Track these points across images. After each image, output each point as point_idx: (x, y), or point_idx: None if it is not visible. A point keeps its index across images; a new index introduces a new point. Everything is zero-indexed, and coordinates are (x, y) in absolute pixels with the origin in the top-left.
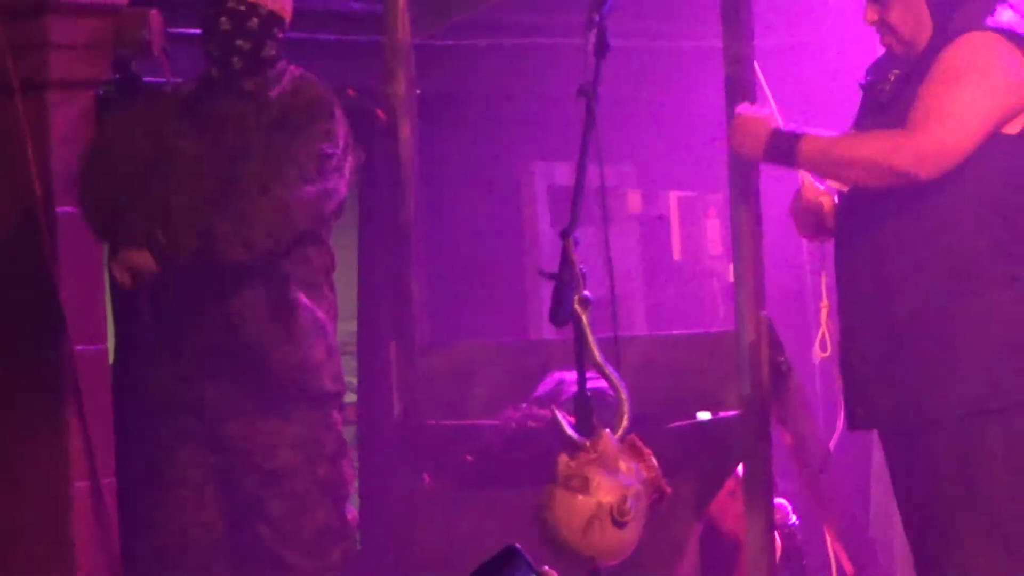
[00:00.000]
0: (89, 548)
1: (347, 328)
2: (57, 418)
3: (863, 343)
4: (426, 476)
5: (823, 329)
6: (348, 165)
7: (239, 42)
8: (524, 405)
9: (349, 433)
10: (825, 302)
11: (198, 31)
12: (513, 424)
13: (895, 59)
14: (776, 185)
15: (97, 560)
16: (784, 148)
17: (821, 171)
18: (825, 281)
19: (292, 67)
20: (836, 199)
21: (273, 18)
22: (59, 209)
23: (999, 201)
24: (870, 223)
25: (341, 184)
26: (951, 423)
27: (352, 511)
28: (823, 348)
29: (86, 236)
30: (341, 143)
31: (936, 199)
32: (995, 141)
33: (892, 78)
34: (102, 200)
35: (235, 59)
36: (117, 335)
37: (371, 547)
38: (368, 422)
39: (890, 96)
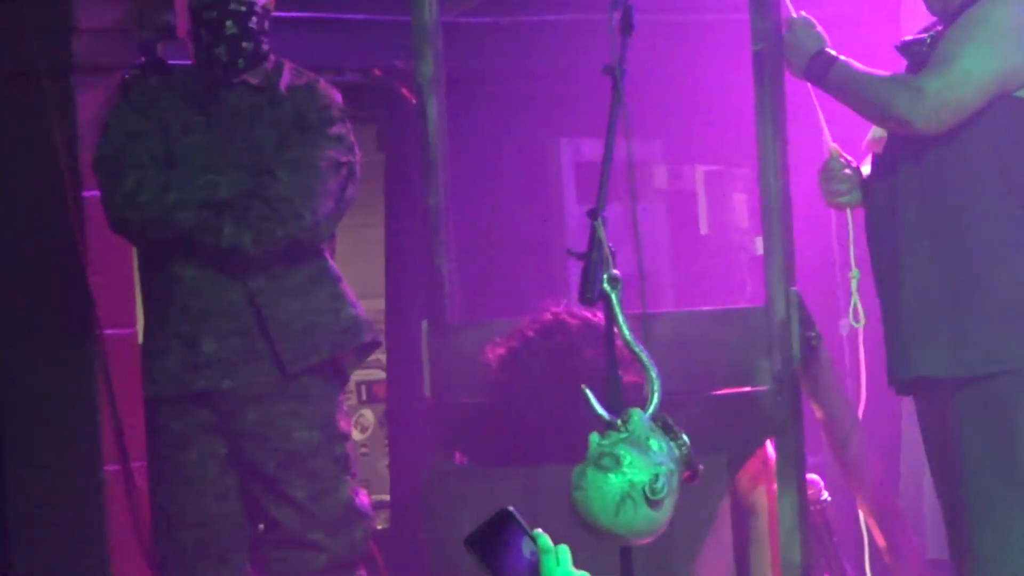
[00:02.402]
0: (121, 532)
1: (374, 306)
2: (87, 402)
3: (907, 297)
4: (457, 455)
5: (855, 299)
6: (359, 167)
7: (244, 44)
8: (565, 302)
9: (379, 411)
10: (855, 271)
11: None
12: (549, 315)
13: (931, 23)
14: (804, 154)
15: (129, 544)
16: (820, 69)
17: (842, 100)
18: (854, 250)
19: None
20: (871, 162)
21: (266, 12)
22: (86, 193)
23: (1004, 163)
24: (899, 182)
25: (354, 189)
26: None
27: (364, 494)
28: (856, 318)
29: None
30: (355, 148)
31: (946, 157)
32: (1005, 103)
33: (929, 39)
34: (136, 191)
35: (240, 60)
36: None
37: (401, 526)
38: (397, 400)
39: (927, 55)
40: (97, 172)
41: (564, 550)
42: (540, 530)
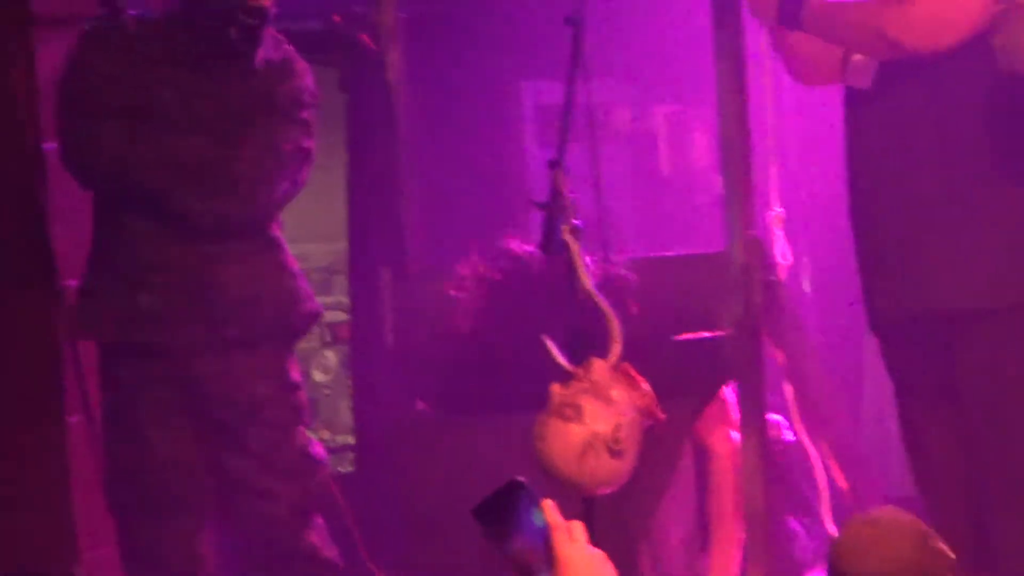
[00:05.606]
0: (84, 481)
1: (336, 248)
2: (49, 352)
3: (887, 233)
4: (419, 401)
5: (781, 238)
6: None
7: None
8: (517, 240)
9: (341, 352)
10: (778, 209)
11: None
12: (511, 257)
13: None
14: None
15: (93, 493)
16: (793, 8)
17: (824, 34)
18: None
19: None
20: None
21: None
22: (47, 145)
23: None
24: (904, 110)
25: (309, 171)
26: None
27: (318, 444)
28: (784, 258)
29: None
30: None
31: (948, 80)
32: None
33: None
34: (98, 148)
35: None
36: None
37: (364, 471)
38: (360, 342)
39: None
40: (61, 113)
41: (578, 526)
42: (551, 501)
